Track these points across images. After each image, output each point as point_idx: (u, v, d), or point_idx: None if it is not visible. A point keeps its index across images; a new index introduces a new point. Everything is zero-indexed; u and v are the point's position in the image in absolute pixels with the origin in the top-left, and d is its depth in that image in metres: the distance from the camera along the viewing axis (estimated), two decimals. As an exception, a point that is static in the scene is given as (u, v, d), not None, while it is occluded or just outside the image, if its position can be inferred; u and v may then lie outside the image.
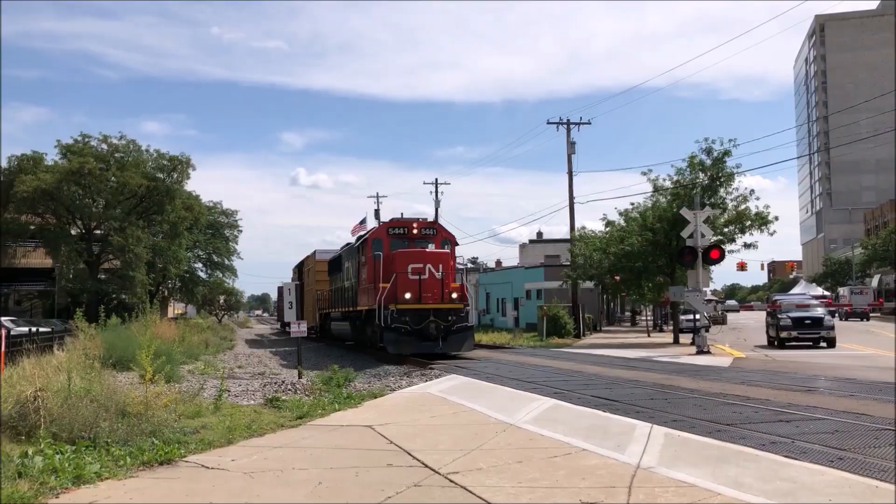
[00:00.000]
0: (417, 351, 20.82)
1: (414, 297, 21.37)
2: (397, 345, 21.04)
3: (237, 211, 63.26)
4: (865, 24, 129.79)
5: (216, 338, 36.12)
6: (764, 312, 38.15)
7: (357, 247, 26.01)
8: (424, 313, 21.30)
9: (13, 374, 10.70)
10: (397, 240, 23.63)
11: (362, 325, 25.09)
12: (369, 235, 24.63)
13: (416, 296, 21.39)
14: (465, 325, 22.22)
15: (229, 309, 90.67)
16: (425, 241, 23.91)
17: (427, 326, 21.13)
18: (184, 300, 65.46)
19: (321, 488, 6.02)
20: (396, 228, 24.13)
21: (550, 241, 65.48)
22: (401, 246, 23.21)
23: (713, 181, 28.66)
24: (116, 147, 41.31)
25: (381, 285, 21.66)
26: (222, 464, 7.03)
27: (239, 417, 9.86)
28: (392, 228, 24.20)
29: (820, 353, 23.46)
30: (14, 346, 15.73)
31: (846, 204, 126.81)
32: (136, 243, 37.96)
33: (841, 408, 9.76)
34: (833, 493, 5.31)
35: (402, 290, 21.41)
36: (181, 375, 15.88)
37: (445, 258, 22.86)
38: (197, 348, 25.28)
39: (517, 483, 5.93)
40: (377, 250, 23.10)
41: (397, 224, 24.52)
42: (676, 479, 5.83)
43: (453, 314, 21.81)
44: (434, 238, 24.35)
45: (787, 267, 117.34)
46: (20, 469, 6.32)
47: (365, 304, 23.91)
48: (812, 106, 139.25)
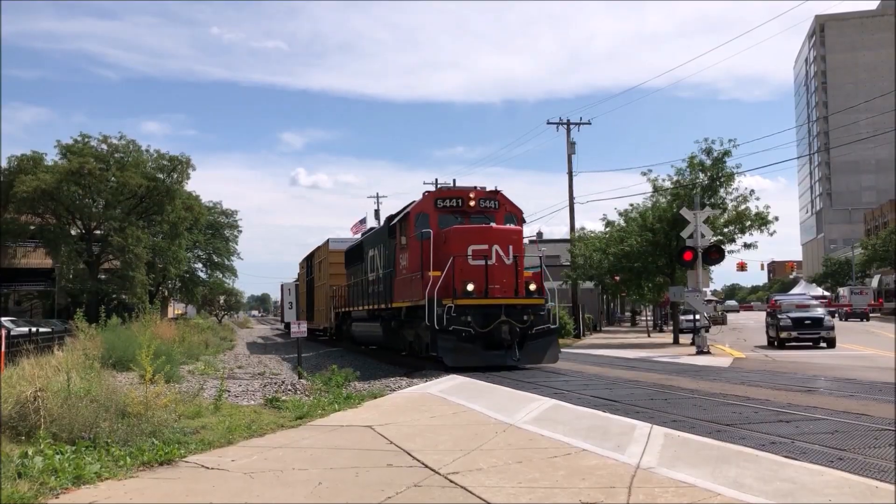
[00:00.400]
0: (484, 363, 15.89)
1: (479, 290, 16.37)
2: (456, 354, 15.97)
3: (237, 211, 63.46)
4: (865, 24, 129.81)
5: (216, 338, 36.09)
6: (764, 313, 38.19)
7: (391, 227, 20.50)
8: (493, 311, 16.31)
9: (13, 375, 10.71)
10: (448, 215, 18.28)
11: (399, 327, 20.00)
12: (411, 209, 18.76)
13: (482, 288, 16.38)
14: (547, 328, 17.07)
15: (229, 309, 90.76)
16: (485, 217, 18.39)
17: (497, 329, 16.16)
18: (184, 300, 65.49)
19: (321, 488, 6.02)
20: (447, 200, 18.50)
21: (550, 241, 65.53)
22: (453, 223, 17.90)
23: (713, 181, 28.68)
24: (116, 147, 41.36)
25: (431, 274, 16.50)
26: (222, 464, 7.03)
27: (239, 418, 9.86)
28: (441, 200, 18.50)
29: (820, 353, 23.47)
30: (14, 346, 15.74)
31: (846, 204, 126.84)
32: (136, 243, 37.99)
33: (841, 408, 9.76)
34: (833, 493, 5.31)
35: (461, 281, 16.31)
36: (181, 376, 15.87)
37: (517, 238, 17.66)
38: (197, 348, 25.25)
39: (517, 483, 5.94)
40: (423, 227, 17.74)
41: (448, 194, 18.80)
42: (676, 479, 5.83)
43: (530, 312, 16.77)
44: (496, 213, 18.67)
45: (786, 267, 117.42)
46: (20, 469, 6.32)
47: (405, 299, 18.67)
48: (812, 106, 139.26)
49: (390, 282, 20.04)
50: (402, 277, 19.05)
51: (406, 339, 19.69)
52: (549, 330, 17.17)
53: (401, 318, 19.61)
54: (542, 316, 17.05)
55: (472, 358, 15.97)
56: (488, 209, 18.61)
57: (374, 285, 22.57)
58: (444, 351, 16.03)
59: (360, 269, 25.23)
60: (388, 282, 20.41)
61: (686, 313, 32.69)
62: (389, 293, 20.14)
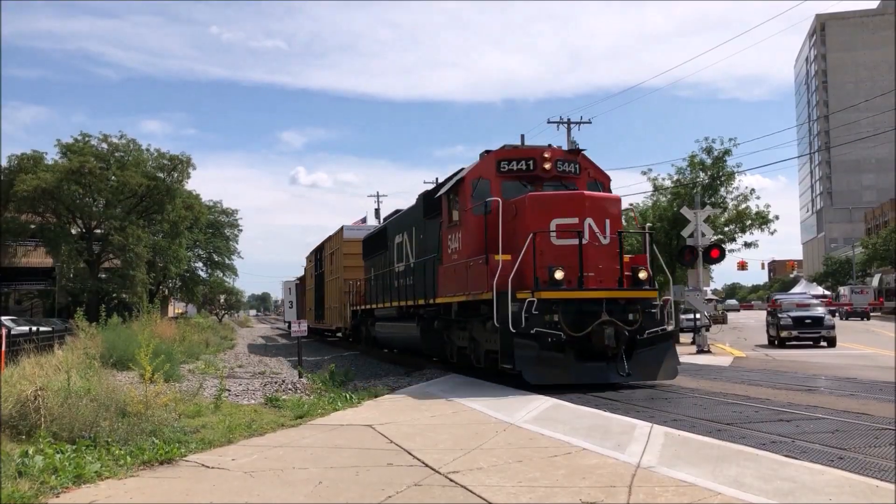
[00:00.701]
0: (579, 380, 11.79)
1: (571, 279, 12.22)
2: (540, 367, 11.76)
3: (237, 210, 63.57)
4: (865, 24, 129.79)
5: (216, 337, 36.11)
6: (764, 312, 38.15)
7: (432, 202, 16.34)
8: (590, 308, 12.06)
9: (13, 374, 10.72)
10: (513, 181, 14.11)
11: (444, 329, 15.92)
12: (466, 174, 14.31)
13: (575, 275, 12.22)
14: (661, 331, 12.80)
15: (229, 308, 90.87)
16: (562, 185, 14.30)
17: (597, 333, 11.87)
18: (184, 299, 65.54)
19: (321, 488, 6.02)
20: (513, 161, 14.15)
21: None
22: (522, 192, 13.69)
23: (713, 180, 28.72)
24: (116, 146, 41.38)
25: (499, 259, 12.31)
26: (222, 463, 7.03)
27: (239, 417, 9.86)
28: (505, 162, 14.15)
29: (820, 352, 23.46)
30: (14, 345, 15.76)
31: (847, 203, 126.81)
32: (137, 242, 38.01)
33: (841, 407, 9.75)
34: (833, 492, 5.31)
35: (544, 266, 12.09)
36: (181, 375, 15.87)
37: (616, 209, 13.45)
38: (197, 347, 25.25)
39: (517, 482, 5.93)
40: (483, 196, 13.71)
41: (515, 154, 14.32)
42: (677, 478, 5.83)
43: (639, 309, 12.47)
44: (577, 179, 14.38)
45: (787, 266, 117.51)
46: (20, 468, 6.32)
47: (457, 292, 14.19)
48: (812, 105, 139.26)
49: (432, 271, 15.88)
50: (450, 265, 14.77)
51: (454, 344, 15.54)
52: (665, 334, 12.86)
53: (448, 318, 15.43)
54: (652, 314, 12.77)
55: (562, 373, 11.87)
56: (567, 174, 14.34)
57: (403, 277, 18.92)
58: (524, 362, 11.72)
59: (382, 259, 21.80)
60: (428, 272, 16.24)
61: (686, 312, 32.70)
62: (431, 286, 15.92)
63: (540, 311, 11.85)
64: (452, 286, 14.58)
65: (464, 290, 13.83)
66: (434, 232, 16.24)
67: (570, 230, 12.49)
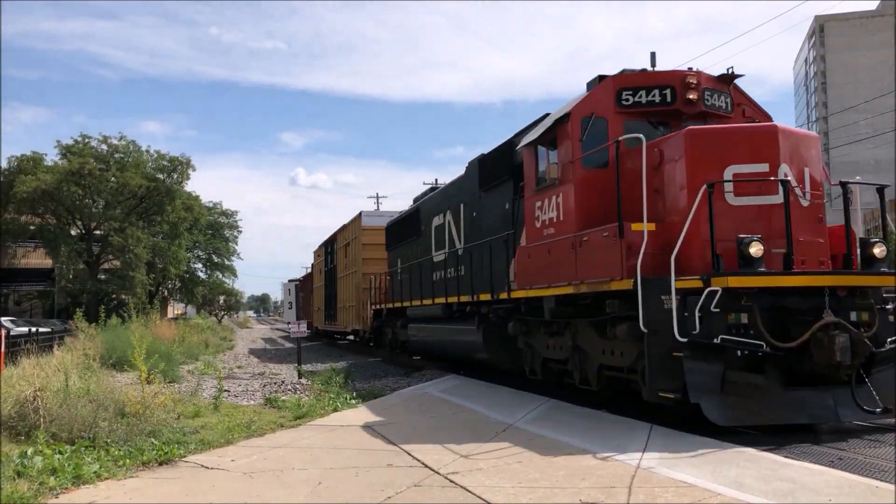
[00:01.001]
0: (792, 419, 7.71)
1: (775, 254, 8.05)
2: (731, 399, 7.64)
3: (237, 211, 63.56)
4: (865, 25, 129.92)
5: (216, 338, 36.12)
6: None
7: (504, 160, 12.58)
8: (798, 304, 7.83)
9: (13, 375, 10.70)
10: (641, 121, 9.78)
11: (527, 334, 11.82)
12: (574, 108, 9.88)
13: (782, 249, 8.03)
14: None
15: (229, 309, 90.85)
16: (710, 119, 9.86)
17: (823, 342, 7.47)
18: (184, 300, 65.45)
19: (321, 488, 6.01)
20: (643, 91, 9.86)
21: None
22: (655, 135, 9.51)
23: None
24: (116, 147, 41.37)
25: (643, 228, 8.15)
26: (222, 464, 7.03)
27: (238, 417, 9.86)
28: (630, 92, 9.87)
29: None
30: (14, 346, 15.75)
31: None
32: (136, 243, 37.98)
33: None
34: (833, 493, 5.30)
35: (728, 238, 7.89)
36: (181, 375, 15.87)
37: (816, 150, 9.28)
38: (196, 348, 25.27)
39: (517, 483, 5.93)
40: (597, 142, 9.67)
41: (644, 81, 9.95)
42: (676, 479, 5.82)
43: (870, 305, 8.17)
44: (729, 118, 10.07)
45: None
46: (19, 469, 6.32)
47: (553, 281, 10.08)
48: (812, 106, 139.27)
49: (504, 255, 12.10)
50: (541, 243, 10.55)
51: (537, 355, 11.63)
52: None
53: (531, 318, 11.43)
54: (885, 313, 8.24)
55: (769, 410, 7.72)
56: (717, 111, 10.03)
57: (446, 268, 15.48)
58: (703, 391, 7.59)
59: (414, 247, 18.12)
60: (496, 256, 12.45)
61: None
62: (502, 274, 12.11)
63: (723, 310, 7.53)
64: (544, 273, 10.36)
65: (570, 278, 9.57)
66: (496, 206, 12.82)
67: (760, 182, 8.31)
